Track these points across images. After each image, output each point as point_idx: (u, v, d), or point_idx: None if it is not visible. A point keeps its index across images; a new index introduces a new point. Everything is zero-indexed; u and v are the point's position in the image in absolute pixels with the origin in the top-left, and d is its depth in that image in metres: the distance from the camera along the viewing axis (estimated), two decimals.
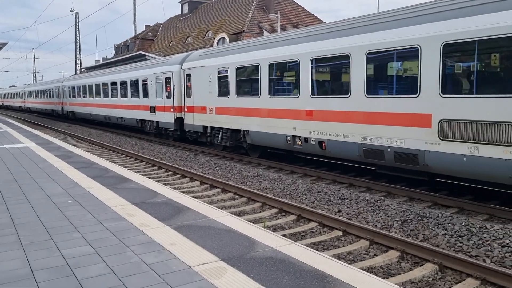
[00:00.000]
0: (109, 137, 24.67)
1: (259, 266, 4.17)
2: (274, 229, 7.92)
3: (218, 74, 15.89)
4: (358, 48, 10.32)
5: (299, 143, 12.42)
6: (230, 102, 15.36)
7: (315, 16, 44.99)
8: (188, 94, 17.97)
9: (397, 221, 7.92)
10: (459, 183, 10.32)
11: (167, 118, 19.58)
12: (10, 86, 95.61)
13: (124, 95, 23.89)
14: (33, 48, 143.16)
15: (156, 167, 14.53)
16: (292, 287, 3.70)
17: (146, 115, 21.47)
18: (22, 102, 59.90)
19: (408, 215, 8.09)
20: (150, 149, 18.93)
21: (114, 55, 67.31)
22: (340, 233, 7.48)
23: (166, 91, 19.27)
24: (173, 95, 18.80)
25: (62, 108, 37.60)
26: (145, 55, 28.13)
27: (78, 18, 58.71)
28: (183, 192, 10.71)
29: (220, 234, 5.20)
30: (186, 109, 18.27)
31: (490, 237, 6.80)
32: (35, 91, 49.66)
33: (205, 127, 17.26)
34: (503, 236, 6.75)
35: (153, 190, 7.74)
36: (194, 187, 11.55)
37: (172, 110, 19.05)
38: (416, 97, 9.18)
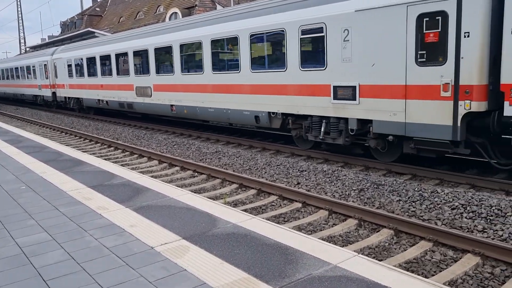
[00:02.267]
0: (60, 118, 23.81)
1: (221, 243, 4.21)
2: (235, 204, 7.98)
3: (67, 63, 24.18)
4: (244, 31, 12.22)
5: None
6: (75, 81, 23.51)
7: None
8: (56, 76, 26.20)
9: (354, 190, 8.16)
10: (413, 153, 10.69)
11: (47, 93, 27.84)
12: None
13: (23, 77, 31.49)
14: None
15: (112, 148, 14.20)
16: (254, 261, 3.76)
17: (37, 91, 29.40)
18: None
19: (365, 184, 8.34)
20: (105, 129, 18.45)
21: (61, 32, 64.36)
22: (299, 205, 7.63)
23: (45, 74, 27.47)
24: (49, 77, 27.06)
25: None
26: (93, 32, 27.05)
27: None
28: (141, 172, 10.55)
29: (181, 212, 5.18)
30: (56, 86, 26.58)
31: (441, 201, 7.14)
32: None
33: (65, 97, 25.60)
34: (453, 199, 7.09)
35: (110, 172, 7.58)
36: (153, 166, 11.40)
37: (49, 87, 27.29)
38: (284, 71, 11.12)
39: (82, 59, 22.20)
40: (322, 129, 10.52)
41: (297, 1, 10.81)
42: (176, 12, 37.25)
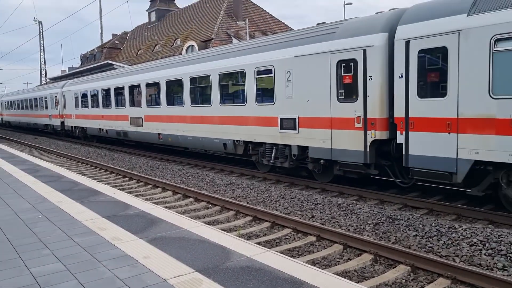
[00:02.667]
0: (77, 148, 24.16)
1: (235, 276, 4.16)
2: (248, 237, 7.91)
3: (75, 95, 26.80)
4: (215, 70, 14.21)
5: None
6: (81, 111, 26.18)
7: (283, 23, 45.45)
8: (64, 107, 28.91)
9: (369, 224, 8.05)
10: (428, 184, 10.57)
11: (56, 122, 30.54)
12: None
13: (36, 107, 33.54)
14: None
15: (127, 178, 14.31)
16: None
17: (47, 121, 32.05)
18: None
19: (380, 218, 8.23)
20: (120, 159, 18.64)
21: (81, 64, 66.10)
22: (314, 238, 7.53)
23: (55, 105, 30.13)
24: (59, 108, 29.66)
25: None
26: (112, 64, 27.73)
27: (42, 27, 57.44)
28: (155, 203, 10.57)
29: (194, 245, 5.16)
30: (64, 116, 29.17)
31: (459, 237, 6.99)
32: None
33: (72, 126, 28.20)
34: (471, 235, 6.94)
35: (125, 202, 7.61)
36: (167, 197, 11.42)
37: (58, 117, 29.91)
38: (244, 105, 13.14)
39: (86, 92, 24.94)
40: (273, 154, 12.43)
41: (254, 47, 12.96)
42: (192, 45, 38.08)
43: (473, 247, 6.62)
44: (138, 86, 18.98)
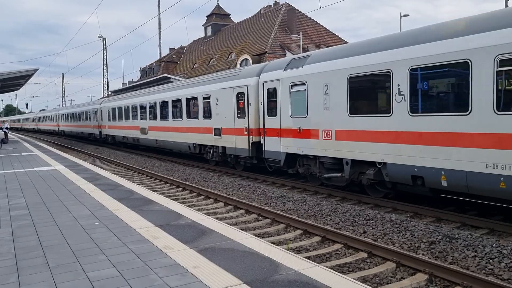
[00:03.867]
0: (134, 159, 25.06)
1: None
2: (298, 251, 7.84)
3: (107, 111, 33.91)
4: (184, 95, 20.73)
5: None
6: (111, 123, 33.43)
7: (337, 36, 45.17)
8: (101, 119, 36.48)
9: (425, 242, 7.74)
10: (488, 202, 10.03)
11: (96, 132, 37.33)
12: (40, 110, 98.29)
13: (82, 119, 34.68)
14: (62, 73, 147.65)
15: (180, 189, 14.65)
16: None
17: (90, 130, 36.39)
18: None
19: (436, 236, 7.90)
20: (174, 170, 19.13)
21: (140, 78, 68.85)
22: (365, 254, 7.35)
23: (95, 118, 35.66)
24: (97, 120, 36.15)
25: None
26: (169, 78, 28.77)
27: (105, 43, 60.47)
28: (207, 213, 10.74)
29: (243, 256, 5.18)
30: (101, 127, 36.08)
31: None
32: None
33: (106, 135, 35.36)
34: None
35: (177, 212, 7.80)
36: (218, 208, 11.58)
37: (98, 127, 36.10)
38: (211, 119, 18.43)
39: (115, 108, 31.84)
40: (211, 152, 18.73)
41: (201, 81, 19.76)
42: (247, 59, 38.66)
43: None
44: (144, 105, 26.07)
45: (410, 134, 9.67)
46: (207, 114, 18.39)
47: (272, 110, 14.31)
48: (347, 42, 32.20)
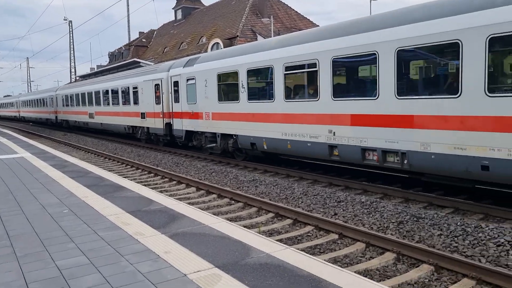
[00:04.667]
0: (104, 145, 24.64)
1: (253, 272, 4.18)
2: (270, 234, 7.93)
3: (62, 97, 37.58)
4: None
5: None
6: (65, 109, 37.25)
7: (308, 19, 45.15)
8: (56, 105, 39.66)
9: (393, 222, 7.94)
10: (453, 183, 10.35)
11: (52, 117, 38.99)
12: (5, 96, 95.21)
13: (41, 105, 36.06)
14: (27, 58, 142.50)
15: (152, 174, 14.52)
16: None
17: (48, 116, 37.69)
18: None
19: (404, 217, 8.11)
20: (146, 156, 18.92)
21: (109, 62, 67.30)
22: (336, 236, 7.49)
23: (51, 104, 36.57)
24: (53, 106, 36.87)
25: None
26: (139, 62, 28.28)
27: (71, 26, 58.65)
28: (179, 199, 10.70)
29: (215, 241, 5.20)
30: (57, 112, 39.42)
31: (485, 237, 6.83)
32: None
33: (61, 120, 38.75)
34: (498, 235, 6.78)
35: (148, 197, 7.74)
36: (190, 193, 11.54)
37: (54, 113, 36.67)
38: (139, 105, 22.50)
39: (67, 95, 35.41)
40: (139, 132, 22.98)
41: (131, 73, 23.92)
42: (218, 43, 38.25)
43: (500, 248, 6.46)
44: (91, 94, 29.50)
45: (249, 115, 14.13)
46: (136, 101, 22.45)
47: (177, 98, 18.60)
48: (318, 26, 32.45)
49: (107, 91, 26.45)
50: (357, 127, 10.43)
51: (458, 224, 7.46)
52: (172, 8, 59.95)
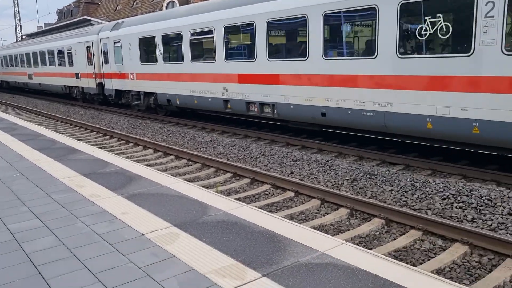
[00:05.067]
0: (56, 107, 23.75)
1: (211, 230, 4.25)
2: (228, 193, 8.02)
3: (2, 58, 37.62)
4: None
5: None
6: (5, 70, 36.66)
7: None
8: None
9: (347, 180, 8.21)
10: (407, 142, 10.75)
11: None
12: None
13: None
14: None
15: (107, 137, 14.20)
16: (243, 248, 3.81)
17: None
18: None
19: (358, 174, 8.39)
20: (100, 118, 18.43)
21: (57, 20, 63.83)
22: (292, 194, 7.68)
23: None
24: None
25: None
26: (90, 20, 27.08)
27: None
28: (136, 161, 10.57)
29: (173, 200, 5.22)
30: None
31: (432, 191, 7.20)
32: None
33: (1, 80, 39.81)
34: (444, 190, 7.16)
35: (104, 160, 7.60)
36: (148, 155, 11.42)
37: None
38: (73, 66, 23.23)
39: (6, 56, 35.39)
40: (75, 92, 23.75)
41: (67, 36, 24.57)
42: (173, 1, 36.99)
43: (445, 201, 6.84)
44: (29, 55, 29.80)
45: (165, 75, 15.83)
46: (71, 62, 23.15)
47: (106, 59, 19.60)
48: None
49: (44, 53, 27.05)
50: (243, 85, 12.54)
51: (408, 180, 7.80)
52: None
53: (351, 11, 9.40)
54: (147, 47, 16.63)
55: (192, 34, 14.09)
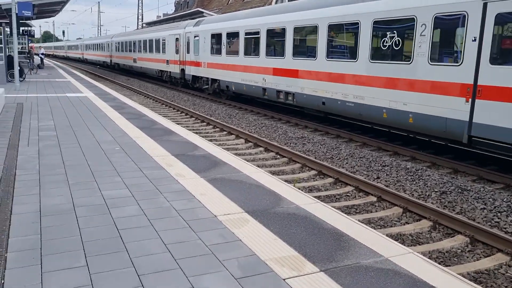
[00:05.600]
0: (163, 91, 25.41)
1: (280, 220, 4.35)
2: (309, 190, 8.05)
3: (115, 42, 44.16)
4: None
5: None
6: (119, 53, 42.96)
7: None
8: (113, 51, 44.54)
9: (436, 192, 7.80)
10: (509, 159, 9.89)
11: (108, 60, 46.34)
12: (77, 39, 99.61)
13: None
14: (98, 2, 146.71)
15: (204, 123, 14.93)
16: (307, 242, 3.85)
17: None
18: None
19: (448, 187, 7.93)
20: (201, 105, 19.39)
21: (175, 11, 67.96)
22: (374, 199, 7.49)
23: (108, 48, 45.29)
24: (110, 51, 45.08)
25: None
26: (202, 12, 28.63)
27: None
28: (226, 148, 11.01)
29: (250, 188, 5.40)
30: (112, 56, 45.20)
31: None
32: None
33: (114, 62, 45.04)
34: None
35: (195, 143, 8.05)
36: (238, 144, 11.82)
37: (109, 57, 45.72)
38: (165, 54, 27.99)
39: (118, 42, 40.81)
40: (165, 75, 28.21)
41: (162, 29, 28.74)
42: None
43: None
44: (134, 42, 34.93)
45: (225, 65, 19.31)
46: (164, 50, 27.45)
47: (188, 50, 23.61)
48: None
49: (146, 41, 31.69)
50: (276, 76, 15.51)
51: (505, 200, 7.21)
52: None
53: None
54: (216, 42, 20.09)
55: (246, 34, 17.42)
